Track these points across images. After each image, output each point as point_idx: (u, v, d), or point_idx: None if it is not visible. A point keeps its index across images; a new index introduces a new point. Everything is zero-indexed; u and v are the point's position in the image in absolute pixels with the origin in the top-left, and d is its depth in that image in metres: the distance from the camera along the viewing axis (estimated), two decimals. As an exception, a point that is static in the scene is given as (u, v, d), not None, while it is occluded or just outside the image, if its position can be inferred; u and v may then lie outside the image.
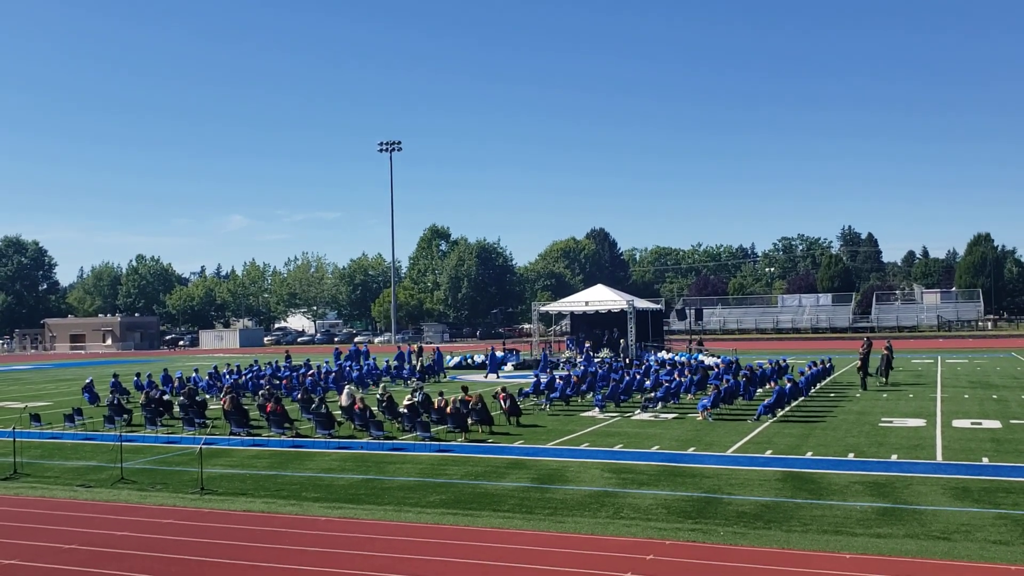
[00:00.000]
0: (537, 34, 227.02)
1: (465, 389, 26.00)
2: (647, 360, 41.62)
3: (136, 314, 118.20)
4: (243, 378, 35.47)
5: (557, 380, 29.77)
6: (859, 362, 34.23)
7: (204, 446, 18.58)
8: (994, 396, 30.07)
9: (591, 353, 49.84)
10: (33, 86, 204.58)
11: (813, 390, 31.47)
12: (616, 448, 20.62)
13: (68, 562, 12.33)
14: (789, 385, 27.50)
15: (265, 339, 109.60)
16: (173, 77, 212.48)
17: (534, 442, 21.84)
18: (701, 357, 44.88)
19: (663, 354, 46.73)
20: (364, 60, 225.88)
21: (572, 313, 57.06)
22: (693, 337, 60.48)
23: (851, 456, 18.99)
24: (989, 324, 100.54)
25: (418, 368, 40.88)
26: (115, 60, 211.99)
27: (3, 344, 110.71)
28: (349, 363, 42.50)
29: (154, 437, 24.21)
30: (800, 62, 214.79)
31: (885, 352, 36.17)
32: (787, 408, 26.57)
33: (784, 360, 37.62)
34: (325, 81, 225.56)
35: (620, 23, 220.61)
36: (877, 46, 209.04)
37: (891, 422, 24.09)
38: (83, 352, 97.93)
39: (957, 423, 23.61)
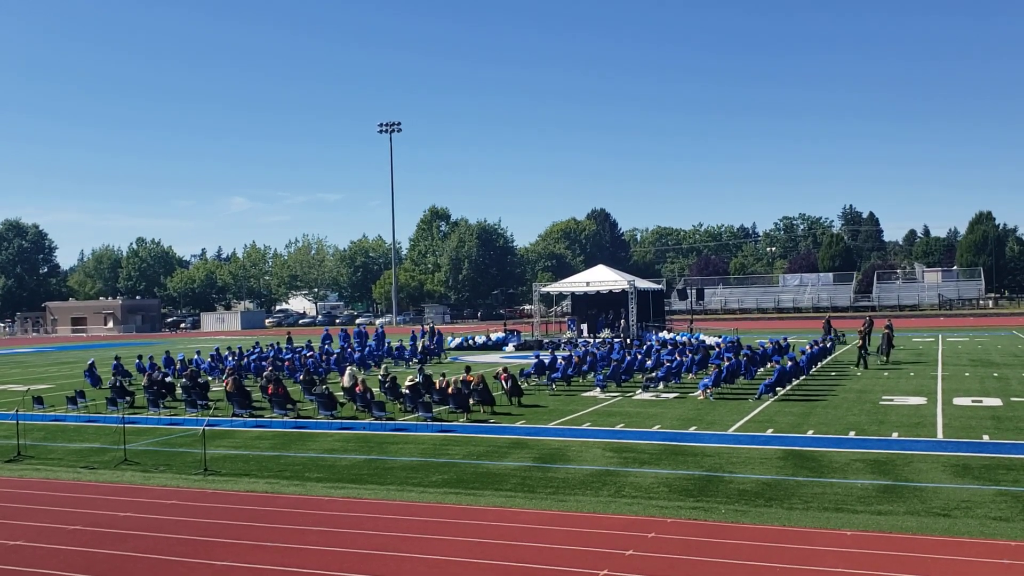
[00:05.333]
0: (537, 14, 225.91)
1: (467, 369, 26.07)
2: (648, 340, 41.65)
3: (137, 297, 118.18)
4: (245, 360, 35.53)
5: (559, 360, 29.81)
6: (859, 341, 34.20)
7: (207, 427, 18.65)
8: (995, 374, 30.10)
9: (584, 334, 50.08)
10: (32, 68, 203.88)
11: (814, 369, 31.50)
12: (617, 427, 20.67)
13: (72, 543, 12.39)
14: (790, 364, 27.54)
15: (266, 321, 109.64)
16: (174, 58, 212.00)
17: (535, 422, 21.90)
18: (702, 336, 44.89)
19: (664, 334, 46.76)
20: (364, 41, 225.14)
21: (573, 294, 57.05)
22: (695, 317, 60.52)
23: (852, 434, 19.04)
24: (990, 302, 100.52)
25: (419, 349, 40.91)
26: (115, 41, 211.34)
27: (4, 327, 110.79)
28: (354, 342, 42.54)
29: (157, 419, 24.28)
30: (801, 41, 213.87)
31: (886, 331, 36.19)
32: (788, 387, 26.61)
33: (785, 339, 37.63)
34: (326, 62, 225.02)
35: (620, 3, 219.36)
36: (878, 25, 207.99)
37: (892, 400, 24.13)
38: (84, 335, 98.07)
39: (958, 401, 23.65)
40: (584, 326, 52.94)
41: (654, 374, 28.77)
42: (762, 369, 30.76)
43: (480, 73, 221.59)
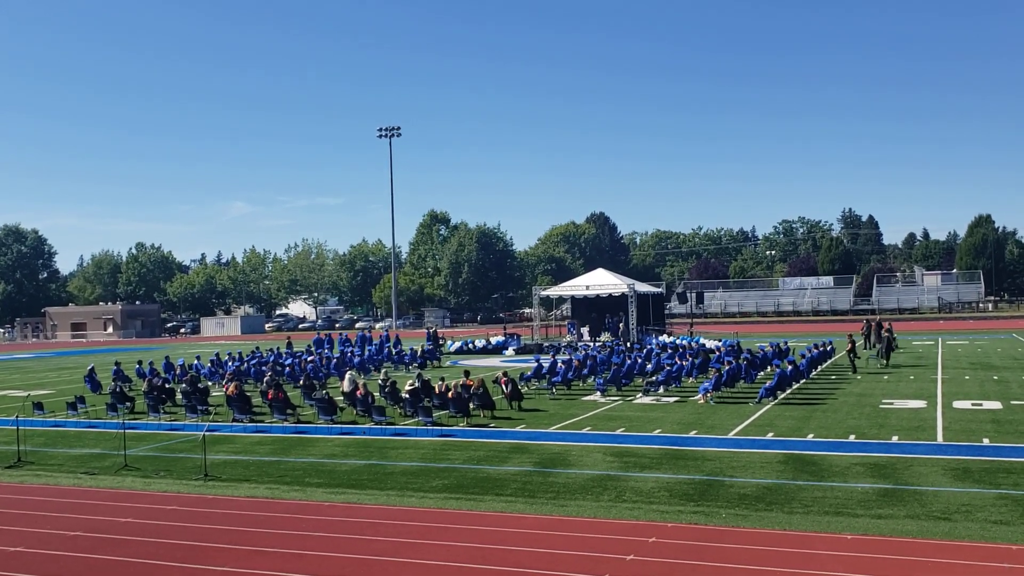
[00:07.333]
0: (534, 15, 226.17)
1: (467, 374, 26.08)
2: (648, 344, 41.66)
3: (137, 302, 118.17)
4: (245, 365, 35.52)
5: (559, 364, 29.82)
6: (849, 345, 33.84)
7: (207, 433, 18.65)
8: (995, 377, 30.11)
9: (584, 338, 50.14)
10: (31, 69, 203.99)
11: (814, 373, 31.50)
12: (618, 432, 20.67)
13: (73, 549, 12.39)
14: (790, 368, 27.54)
15: (266, 326, 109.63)
16: (173, 61, 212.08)
17: (536, 426, 21.89)
18: (702, 340, 44.89)
19: (664, 338, 46.74)
20: (364, 43, 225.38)
21: (573, 297, 57.08)
22: (695, 321, 60.53)
23: (852, 438, 19.05)
24: (990, 305, 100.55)
25: (419, 353, 40.91)
26: (114, 42, 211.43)
27: (4, 333, 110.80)
28: (350, 348, 42.56)
29: (157, 424, 24.27)
30: (801, 41, 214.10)
31: (886, 334, 36.16)
32: (788, 391, 26.61)
33: (785, 343, 37.63)
34: (324, 65, 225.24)
35: (618, 3, 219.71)
36: (877, 25, 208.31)
37: (892, 404, 24.13)
38: (84, 340, 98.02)
39: (958, 404, 23.65)
40: (584, 329, 52.94)
41: (654, 378, 28.77)
42: (762, 373, 30.76)
43: (479, 75, 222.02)
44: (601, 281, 53.63)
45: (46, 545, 12.60)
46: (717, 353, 33.95)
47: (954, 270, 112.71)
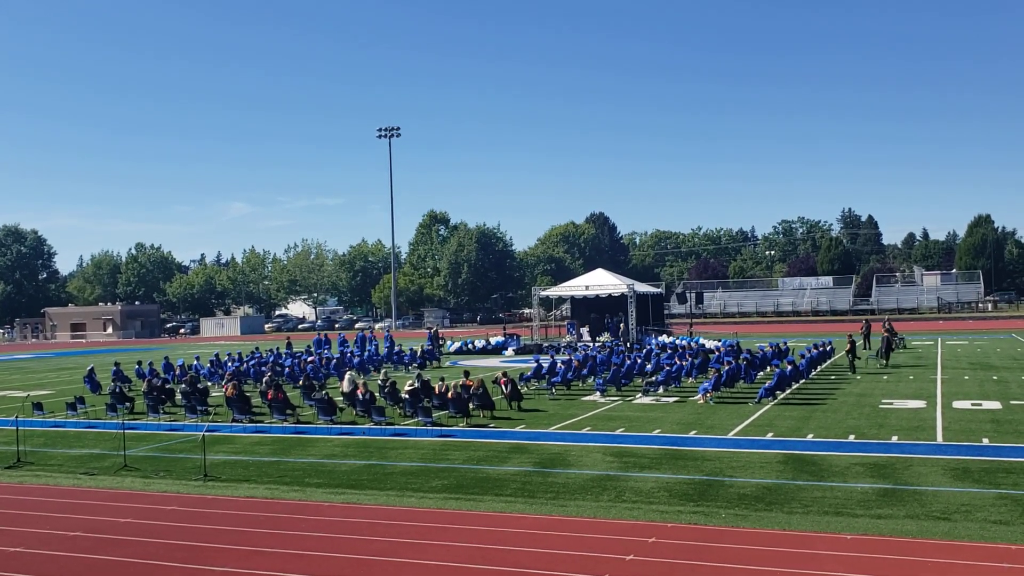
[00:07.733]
0: (534, 15, 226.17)
1: (466, 374, 26.07)
2: (648, 344, 41.65)
3: (136, 302, 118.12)
4: (245, 365, 35.51)
5: (559, 364, 29.81)
6: (849, 345, 33.76)
7: (207, 433, 18.64)
8: (994, 377, 30.11)
9: (583, 338, 50.22)
10: (30, 69, 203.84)
11: (813, 373, 31.50)
12: (618, 432, 20.67)
13: (72, 549, 12.39)
14: (790, 368, 27.53)
15: (266, 326, 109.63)
16: (174, 61, 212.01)
17: (536, 426, 21.90)
18: (702, 340, 44.87)
19: (664, 338, 46.73)
20: (363, 43, 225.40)
21: (572, 297, 57.09)
22: (694, 321, 60.52)
23: (852, 438, 19.05)
24: (989, 305, 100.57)
25: (419, 354, 40.89)
26: (114, 42, 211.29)
27: (4, 333, 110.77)
28: (349, 348, 42.55)
29: (156, 425, 24.27)
30: (801, 42, 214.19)
31: (885, 333, 36.15)
32: (788, 391, 26.61)
33: (785, 343, 37.61)
34: (324, 65, 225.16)
35: (618, 3, 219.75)
36: (877, 25, 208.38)
37: (891, 404, 24.13)
38: (84, 341, 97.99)
39: (957, 404, 23.65)
40: (584, 330, 52.96)
41: (654, 378, 28.77)
42: (762, 373, 30.75)
43: (479, 75, 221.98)
44: (601, 281, 53.62)
45: (46, 545, 12.60)
46: (717, 353, 33.93)
47: (953, 270, 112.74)
